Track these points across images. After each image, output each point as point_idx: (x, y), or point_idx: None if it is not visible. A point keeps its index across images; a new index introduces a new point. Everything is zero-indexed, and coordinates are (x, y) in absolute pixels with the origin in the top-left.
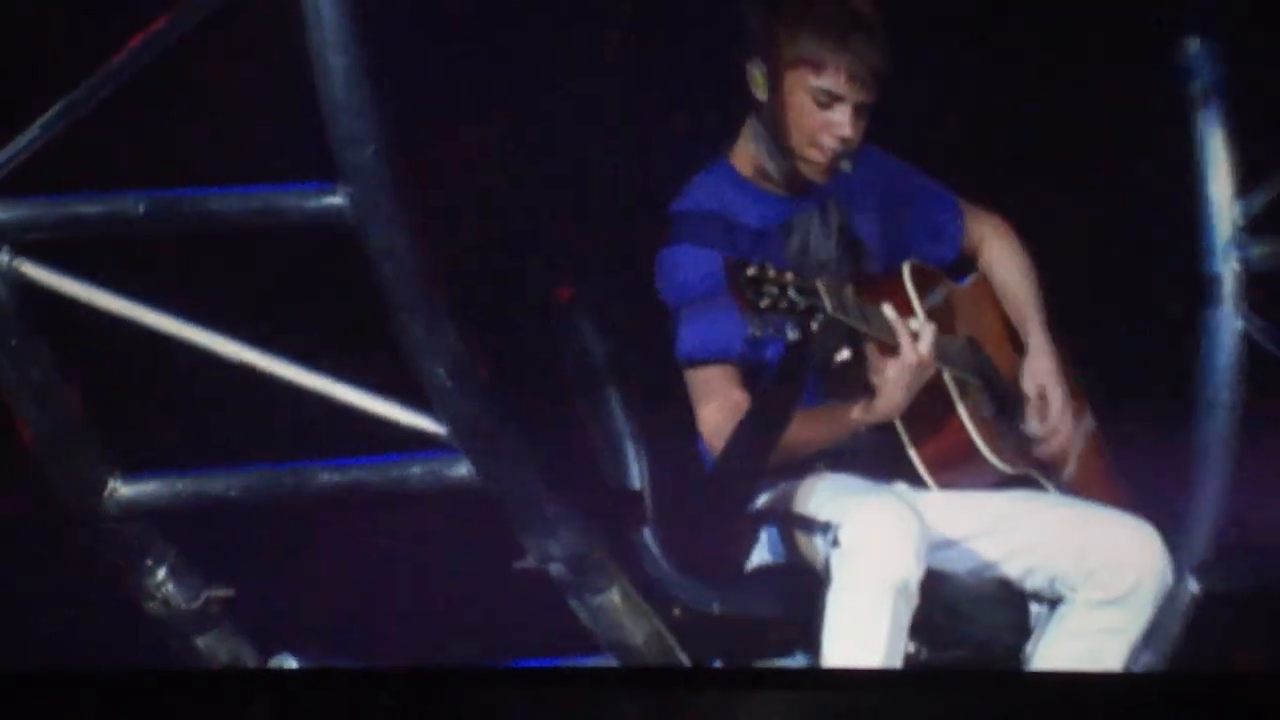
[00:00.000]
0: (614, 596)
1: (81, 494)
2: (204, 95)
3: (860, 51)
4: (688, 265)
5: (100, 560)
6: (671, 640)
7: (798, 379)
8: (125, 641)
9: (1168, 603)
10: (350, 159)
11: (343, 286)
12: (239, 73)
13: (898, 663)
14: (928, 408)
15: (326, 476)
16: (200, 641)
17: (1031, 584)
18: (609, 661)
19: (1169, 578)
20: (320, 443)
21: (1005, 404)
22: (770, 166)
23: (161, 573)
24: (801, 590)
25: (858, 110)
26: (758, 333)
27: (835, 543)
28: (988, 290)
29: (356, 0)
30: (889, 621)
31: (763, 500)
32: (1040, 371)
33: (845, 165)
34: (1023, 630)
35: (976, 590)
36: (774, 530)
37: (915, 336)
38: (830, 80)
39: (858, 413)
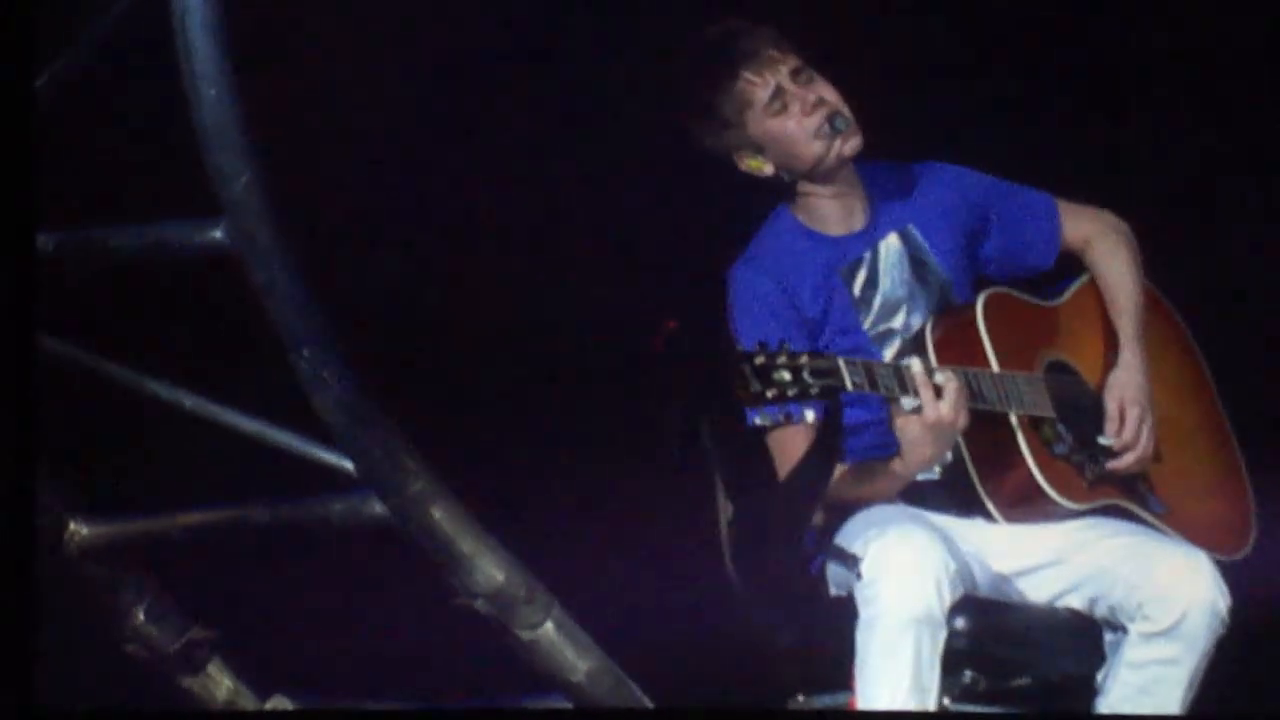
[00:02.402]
0: (548, 631)
1: (43, 536)
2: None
3: (753, 55)
4: (743, 334)
5: (73, 601)
6: (620, 674)
7: (829, 455)
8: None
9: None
10: (226, 192)
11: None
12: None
13: (929, 695)
14: (995, 447)
15: (258, 515)
16: (189, 683)
17: (1098, 613)
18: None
19: (1221, 609)
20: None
21: (1088, 430)
22: (819, 203)
23: (140, 614)
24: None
25: (796, 74)
26: (765, 422)
27: (859, 575)
28: (1095, 295)
29: (228, 33)
30: (911, 654)
31: (828, 535)
32: (1121, 384)
33: (839, 123)
34: (1095, 660)
35: (1047, 620)
36: (833, 565)
37: (938, 393)
38: (759, 95)
39: (896, 466)
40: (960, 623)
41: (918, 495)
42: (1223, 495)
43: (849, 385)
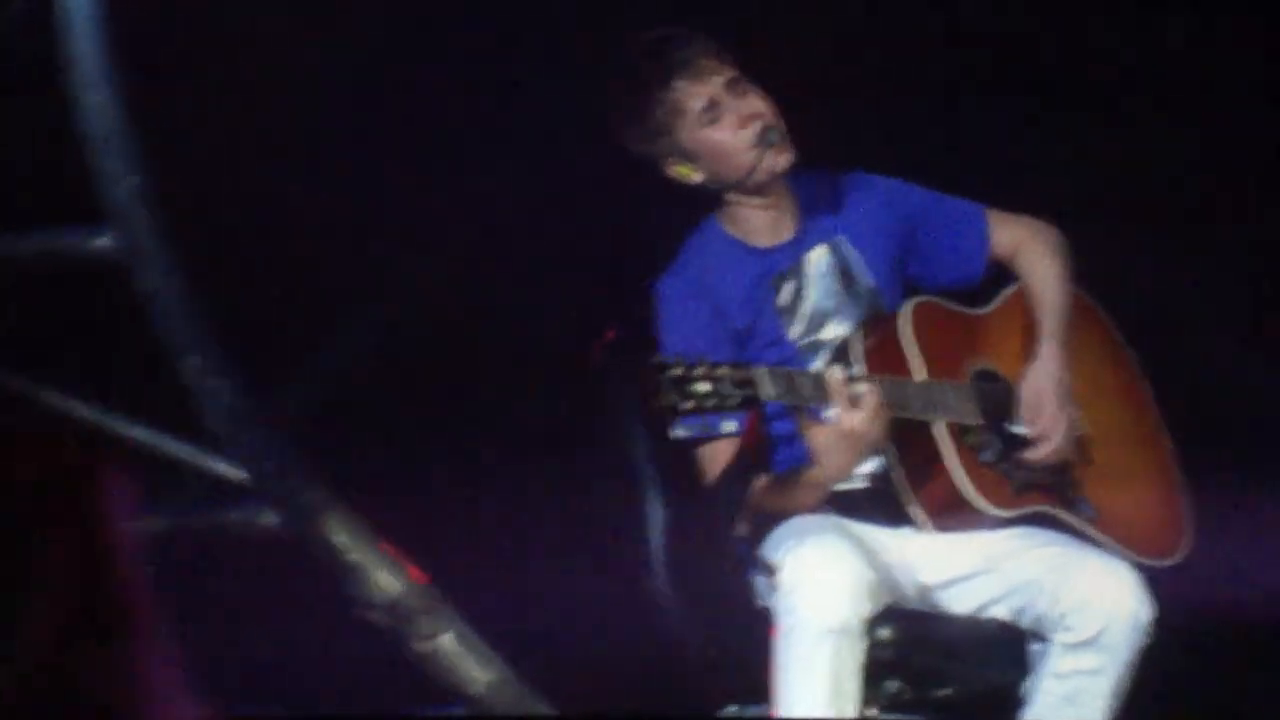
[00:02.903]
0: (446, 642)
1: None
2: None
3: (673, 59)
4: (669, 347)
5: None
6: (522, 687)
7: (752, 466)
8: None
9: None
10: (111, 198)
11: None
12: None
13: (848, 705)
14: (921, 456)
15: (152, 524)
16: None
17: (1024, 623)
18: None
19: (1143, 619)
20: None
21: (1016, 440)
22: (748, 214)
23: None
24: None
25: (732, 85)
26: (684, 434)
27: (775, 586)
28: (1024, 302)
29: (114, 36)
30: (829, 664)
31: (757, 544)
32: (1035, 374)
33: (772, 136)
34: (1020, 670)
35: (973, 630)
36: (757, 576)
37: (855, 402)
38: (692, 104)
39: (812, 476)
40: (885, 632)
41: (847, 504)
42: (1157, 501)
43: (769, 395)
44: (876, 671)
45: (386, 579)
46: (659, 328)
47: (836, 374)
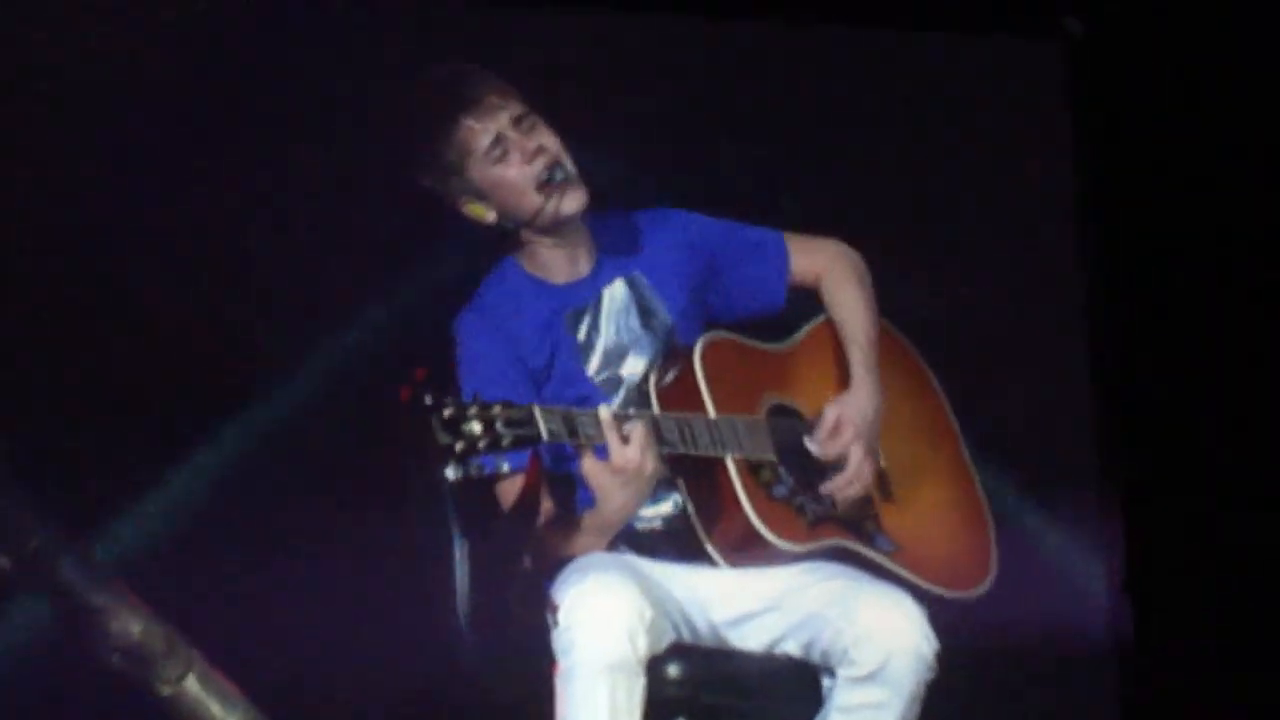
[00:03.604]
0: (190, 686)
1: None
2: None
3: (454, 96)
4: (465, 385)
5: None
6: None
7: (531, 506)
8: None
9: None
10: None
11: None
12: None
13: None
14: (713, 492)
15: None
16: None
17: (814, 658)
18: None
19: (926, 652)
20: None
21: (810, 472)
22: (544, 252)
23: None
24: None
25: (518, 122)
26: (455, 474)
27: (555, 623)
28: (830, 333)
29: None
30: (606, 703)
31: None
32: (841, 403)
33: (558, 174)
34: (813, 706)
35: (765, 666)
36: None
37: (625, 440)
38: (479, 141)
39: (594, 518)
40: (673, 670)
41: (642, 543)
42: (961, 533)
43: (544, 435)
44: (666, 709)
45: (127, 622)
46: (457, 366)
47: (605, 411)
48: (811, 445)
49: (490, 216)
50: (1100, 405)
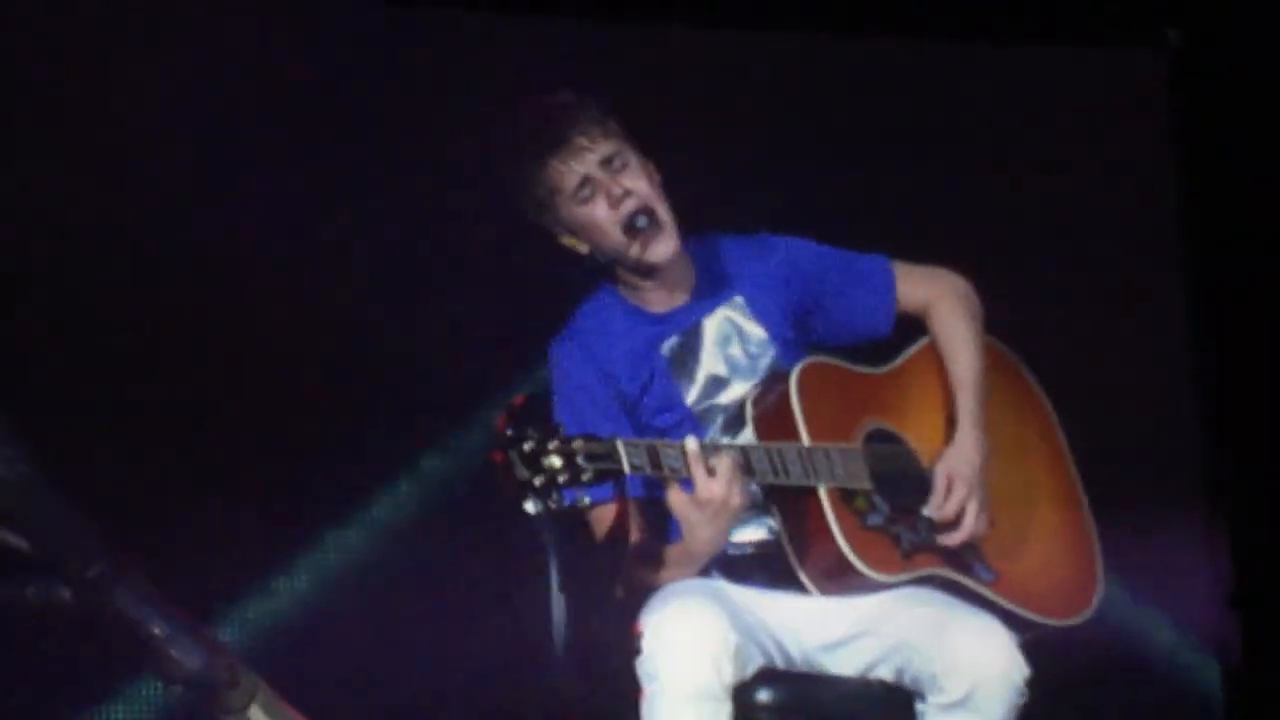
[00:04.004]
0: (254, 715)
1: None
2: None
3: (548, 129)
4: (559, 412)
5: None
6: None
7: (620, 536)
8: None
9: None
10: None
11: None
12: None
13: None
14: (805, 521)
15: None
16: None
17: (906, 684)
18: None
19: (1016, 679)
20: None
21: (908, 500)
22: (643, 282)
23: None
24: None
25: (607, 166)
26: (534, 508)
27: (639, 650)
28: (933, 359)
29: None
30: None
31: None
32: (951, 460)
33: (641, 221)
34: None
35: (857, 691)
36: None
37: (711, 473)
38: (566, 182)
39: (679, 550)
40: (762, 696)
41: (734, 569)
42: (1065, 559)
43: (627, 468)
44: None
45: (186, 652)
46: (553, 393)
47: (692, 444)
48: (928, 512)
49: (583, 249)
50: (1206, 417)
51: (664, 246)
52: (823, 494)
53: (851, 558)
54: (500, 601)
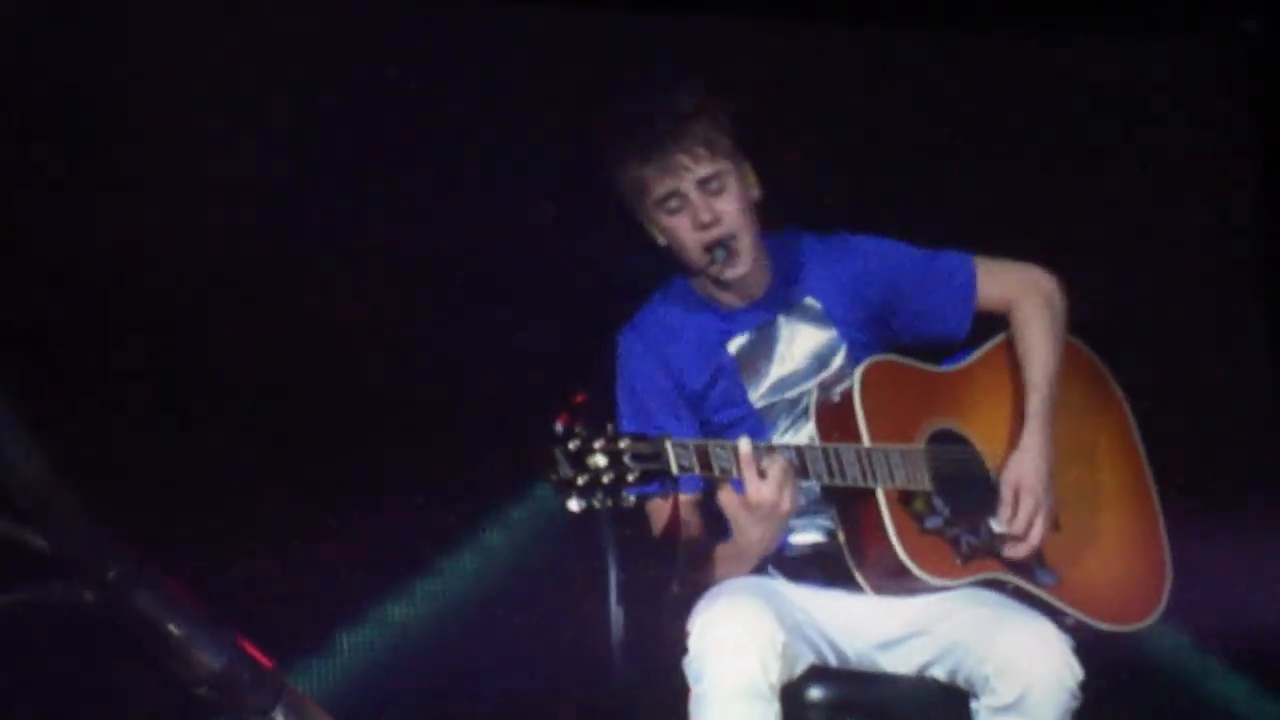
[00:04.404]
0: (278, 715)
1: None
2: None
3: (656, 140)
4: (620, 403)
5: None
6: None
7: (672, 532)
8: None
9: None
10: None
11: None
12: None
13: None
14: (863, 522)
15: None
16: None
17: (961, 684)
18: None
19: (1069, 682)
20: None
21: (970, 502)
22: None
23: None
24: None
25: (704, 188)
26: (576, 507)
27: (686, 649)
28: (1009, 358)
29: None
30: None
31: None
32: (1019, 469)
33: (719, 254)
34: None
35: (911, 690)
36: None
37: (762, 475)
38: (655, 186)
39: (730, 549)
40: (813, 694)
41: (791, 567)
42: (1132, 563)
43: (675, 469)
44: None
45: (208, 654)
46: (616, 381)
47: (745, 445)
48: (996, 525)
49: (662, 241)
50: None
51: (740, 269)
52: (881, 496)
53: (907, 562)
54: (557, 600)
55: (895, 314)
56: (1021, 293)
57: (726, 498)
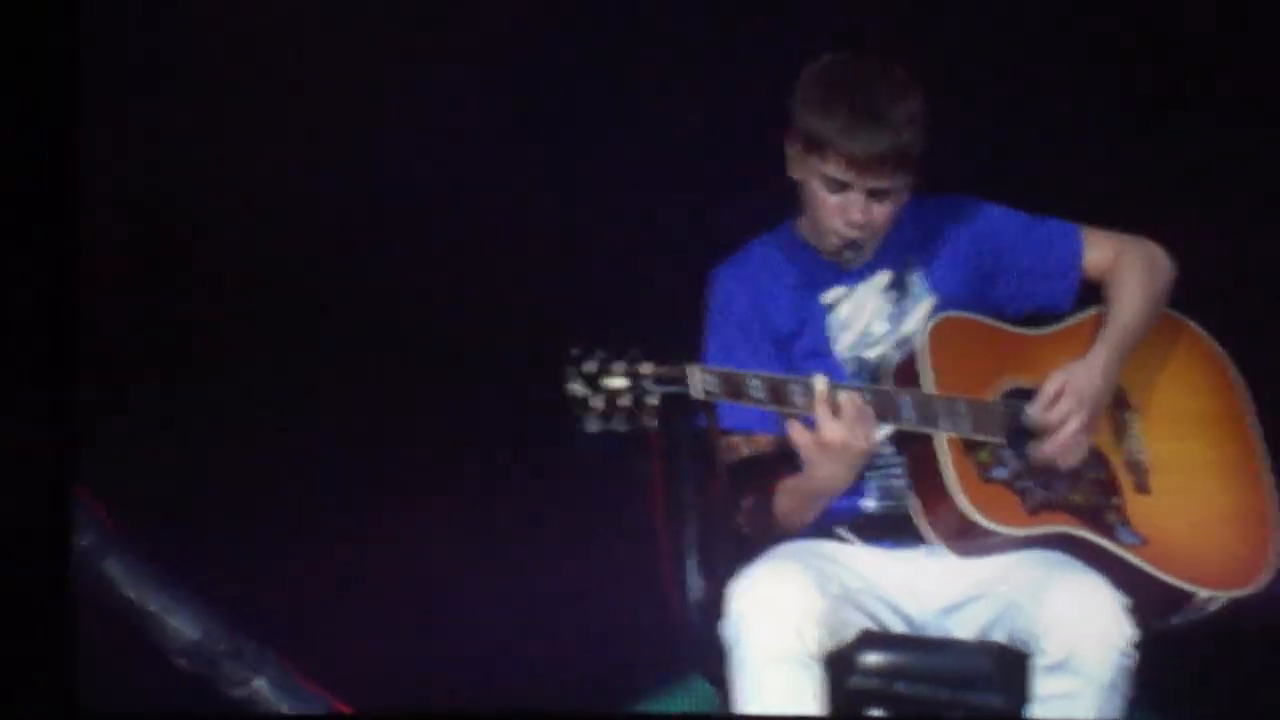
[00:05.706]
0: (260, 686)
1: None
2: None
3: (863, 140)
4: (709, 339)
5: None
6: None
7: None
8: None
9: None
10: None
11: None
12: None
13: None
14: (927, 472)
15: None
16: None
17: (1019, 645)
18: None
19: (1118, 641)
20: None
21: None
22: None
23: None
24: None
25: (873, 194)
26: (593, 429)
27: (726, 614)
28: (1098, 324)
29: None
30: (781, 694)
31: None
32: (1070, 370)
33: (848, 255)
34: (1017, 696)
35: (967, 656)
36: None
37: (835, 413)
38: (834, 168)
39: (794, 483)
40: (867, 659)
41: (860, 526)
42: (1232, 530)
43: (700, 393)
44: (859, 699)
45: (182, 624)
46: (707, 316)
47: (821, 383)
48: (1030, 410)
49: (798, 176)
50: None
51: (861, 259)
52: (940, 443)
53: (966, 507)
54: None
55: (1001, 280)
56: (1123, 251)
57: (798, 433)
